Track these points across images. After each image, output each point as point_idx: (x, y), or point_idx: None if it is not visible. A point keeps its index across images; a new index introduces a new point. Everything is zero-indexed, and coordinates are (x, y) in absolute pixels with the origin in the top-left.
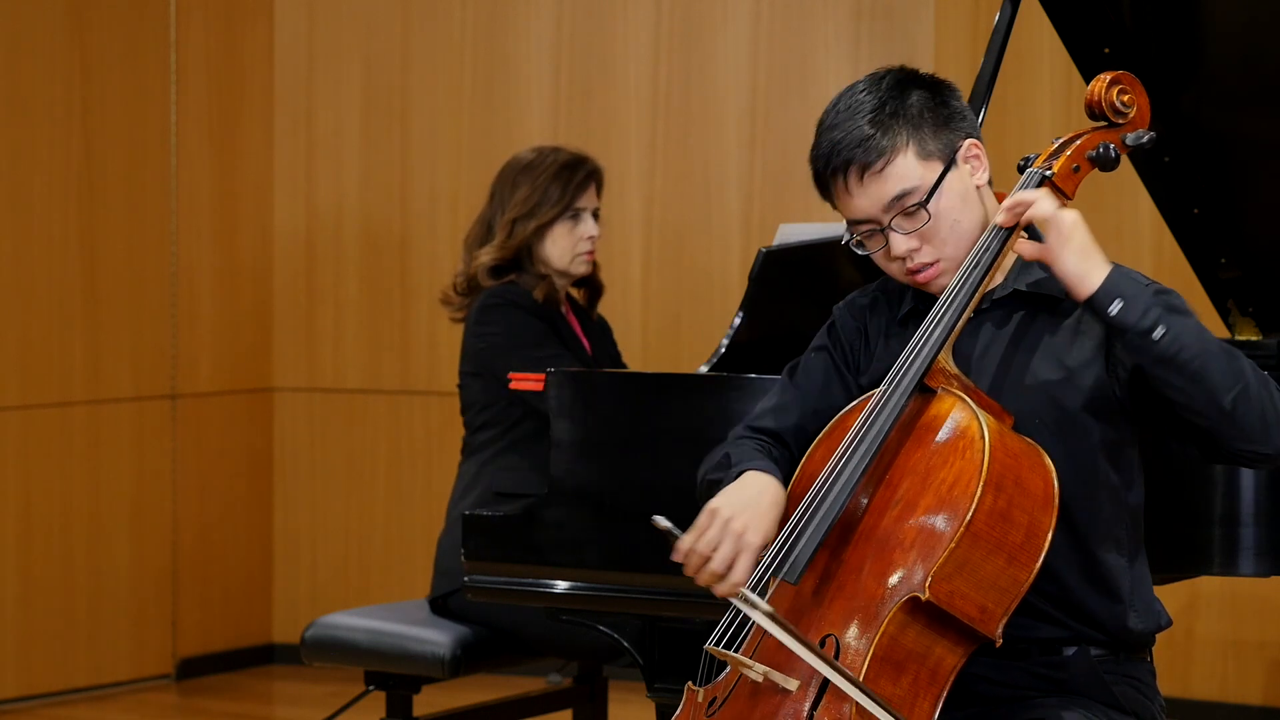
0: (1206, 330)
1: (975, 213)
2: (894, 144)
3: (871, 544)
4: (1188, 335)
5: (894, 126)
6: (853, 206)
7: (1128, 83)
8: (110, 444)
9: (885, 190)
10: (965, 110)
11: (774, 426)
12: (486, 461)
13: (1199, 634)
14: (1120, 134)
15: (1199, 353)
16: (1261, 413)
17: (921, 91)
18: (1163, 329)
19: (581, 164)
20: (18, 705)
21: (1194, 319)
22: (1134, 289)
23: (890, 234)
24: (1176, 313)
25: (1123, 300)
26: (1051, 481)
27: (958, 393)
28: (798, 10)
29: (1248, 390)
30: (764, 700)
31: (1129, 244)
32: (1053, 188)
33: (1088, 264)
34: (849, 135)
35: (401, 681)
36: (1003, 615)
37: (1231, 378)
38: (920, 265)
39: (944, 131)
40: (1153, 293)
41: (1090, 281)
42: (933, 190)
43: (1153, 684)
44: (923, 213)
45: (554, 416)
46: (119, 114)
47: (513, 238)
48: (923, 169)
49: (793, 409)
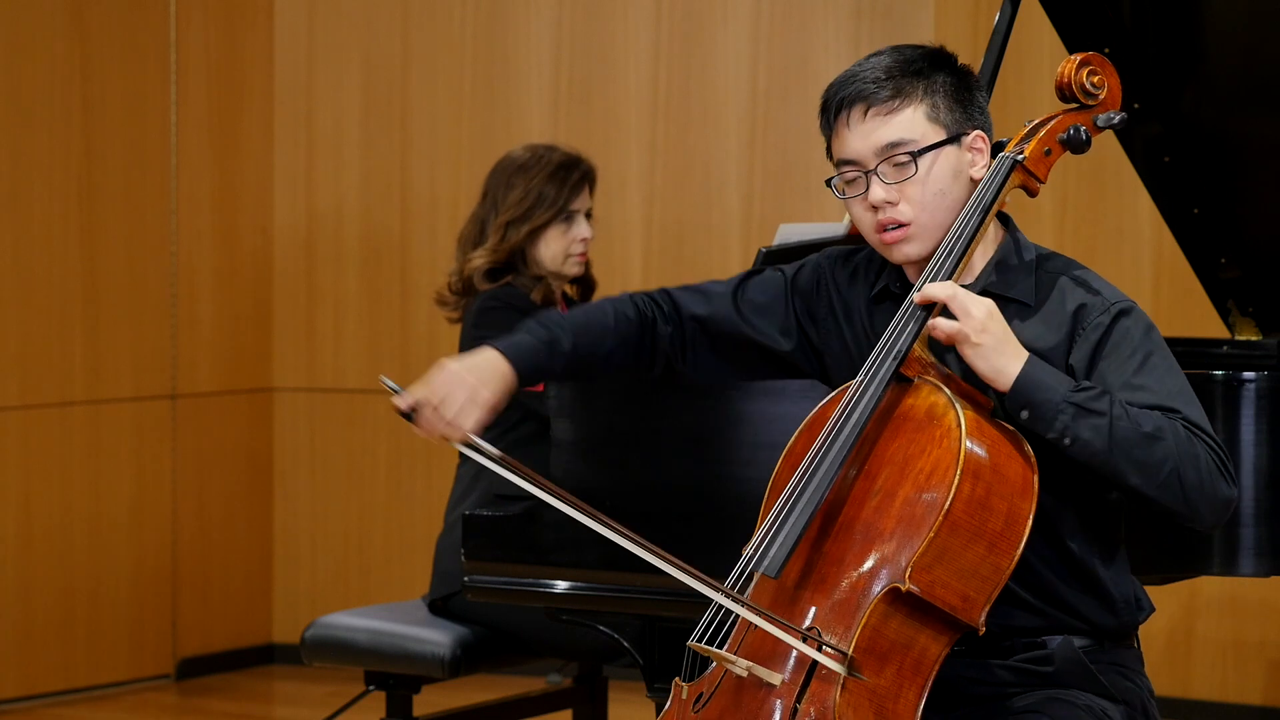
0: (1125, 419)
1: (961, 196)
2: (907, 94)
3: (852, 535)
4: (1097, 440)
5: (913, 83)
6: (847, 144)
7: (1097, 64)
8: (110, 444)
9: (883, 134)
10: (985, 107)
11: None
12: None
13: (1199, 634)
14: (1091, 115)
15: (1106, 455)
16: (1184, 495)
17: (950, 73)
18: (1069, 439)
19: (576, 165)
20: (18, 705)
21: (1109, 415)
22: (1042, 394)
23: (872, 179)
24: (1088, 414)
25: (1030, 409)
26: (1031, 468)
27: (934, 381)
28: (798, 10)
29: (1170, 476)
30: (749, 695)
31: (1129, 244)
32: (1024, 172)
33: (1000, 361)
34: (870, 73)
35: (401, 681)
36: (985, 603)
37: (1150, 467)
38: (892, 220)
39: (959, 110)
40: (1064, 394)
41: (1003, 379)
42: (928, 149)
43: (1140, 669)
44: (911, 166)
45: (554, 416)
46: (119, 114)
47: (506, 241)
48: (926, 127)
49: (717, 300)
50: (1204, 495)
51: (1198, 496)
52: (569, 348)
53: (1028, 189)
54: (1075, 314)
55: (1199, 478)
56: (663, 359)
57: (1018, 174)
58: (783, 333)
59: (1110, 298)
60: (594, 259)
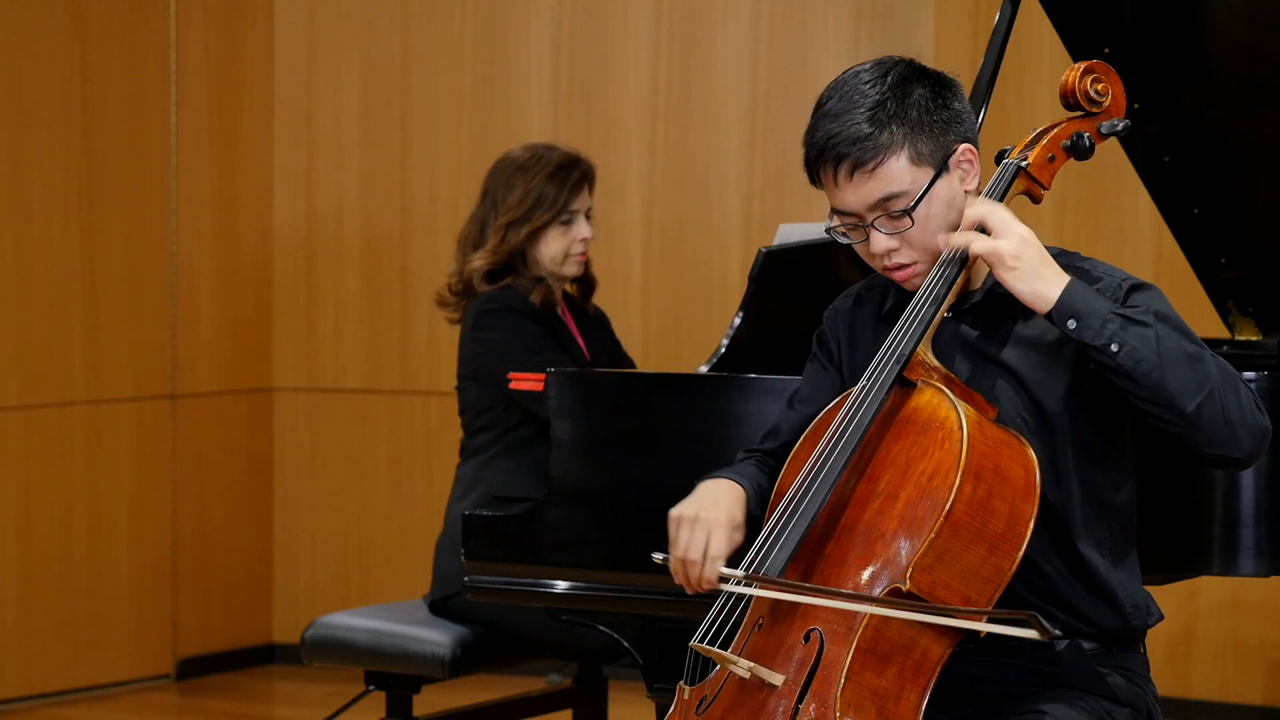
0: (1171, 336)
1: (958, 217)
2: (888, 145)
3: (854, 537)
4: (1145, 348)
5: (891, 127)
6: (839, 198)
7: (1101, 71)
8: (110, 444)
9: (873, 190)
10: (965, 112)
11: (771, 445)
12: (484, 465)
13: (1199, 634)
14: (1095, 123)
15: (1155, 365)
16: (1226, 419)
17: (925, 90)
18: (1117, 345)
19: (576, 165)
20: (18, 705)
21: (1154, 329)
22: (1089, 305)
23: (871, 231)
24: (1135, 324)
25: (1076, 319)
26: (1033, 470)
27: (937, 384)
28: (798, 10)
29: (1212, 397)
30: (751, 696)
31: (1129, 244)
32: (1028, 178)
33: (1039, 284)
34: (845, 130)
35: (401, 681)
36: (986, 605)
37: (1195, 385)
38: (898, 265)
39: (940, 135)
40: (1109, 308)
41: (1044, 300)
42: (920, 198)
43: (1146, 674)
44: (906, 218)
45: (554, 416)
46: (119, 114)
47: (506, 242)
48: (913, 173)
49: (791, 418)
50: (1245, 421)
51: (1239, 420)
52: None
53: (1031, 195)
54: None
55: (1239, 404)
56: None
57: (1021, 180)
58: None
59: (1121, 276)
60: (594, 259)
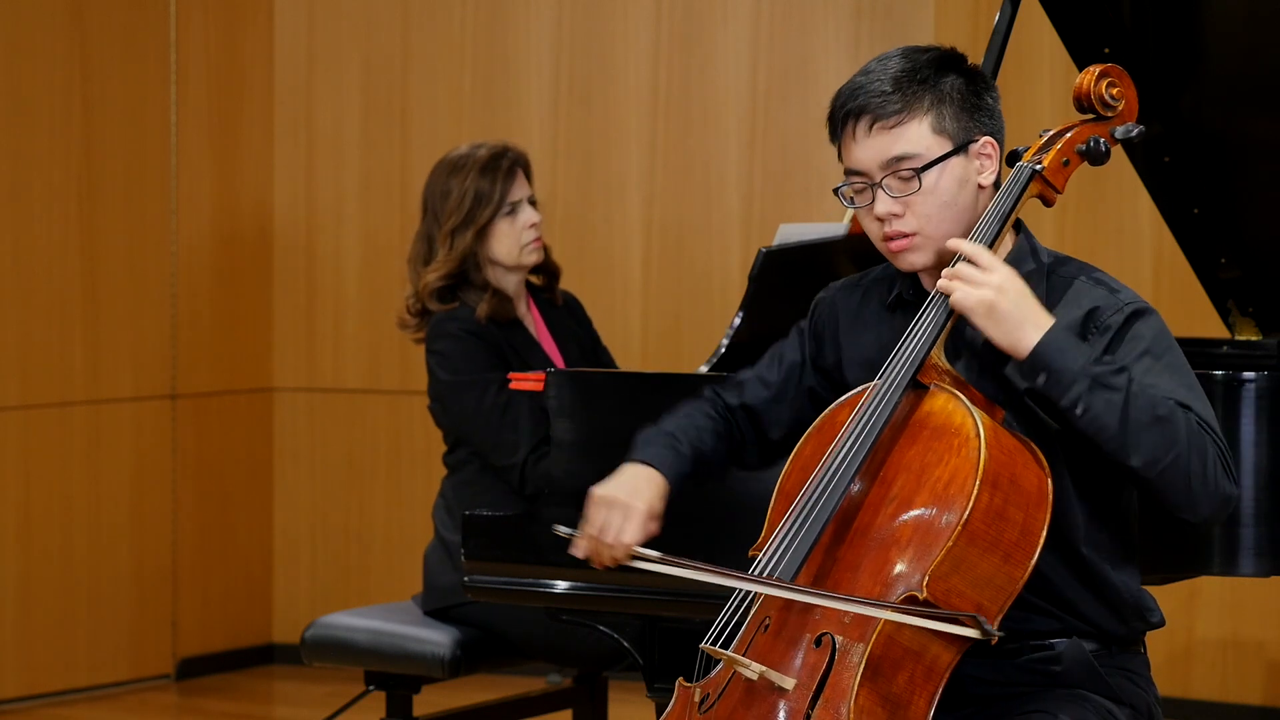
0: (1142, 397)
1: (968, 204)
2: (913, 107)
3: (867, 541)
4: (1108, 415)
5: (919, 93)
6: (854, 154)
7: (1116, 75)
8: (110, 444)
9: (888, 147)
10: (996, 110)
11: (729, 400)
12: (461, 484)
13: (1199, 634)
14: (1109, 127)
15: (1115, 434)
16: (1188, 484)
17: (959, 77)
18: (1081, 409)
19: (504, 155)
20: (18, 705)
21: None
22: (1061, 361)
23: (878, 192)
24: (1104, 388)
25: (1047, 374)
26: (1045, 478)
27: (951, 389)
28: (798, 10)
29: (1176, 462)
30: (760, 699)
31: (1129, 244)
32: (1043, 182)
33: (1017, 333)
34: (873, 85)
35: (401, 681)
36: (998, 613)
37: (1159, 450)
38: (896, 232)
39: (966, 118)
40: (1083, 365)
41: (1017, 352)
42: (933, 163)
43: (1147, 675)
44: (915, 180)
45: (554, 416)
46: (119, 114)
47: (455, 249)
48: (931, 140)
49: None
50: (1206, 488)
51: (1200, 487)
52: (689, 449)
53: (1045, 199)
54: (1086, 317)
55: (1204, 470)
56: (733, 449)
57: (1036, 184)
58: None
59: (1125, 299)
60: (594, 259)
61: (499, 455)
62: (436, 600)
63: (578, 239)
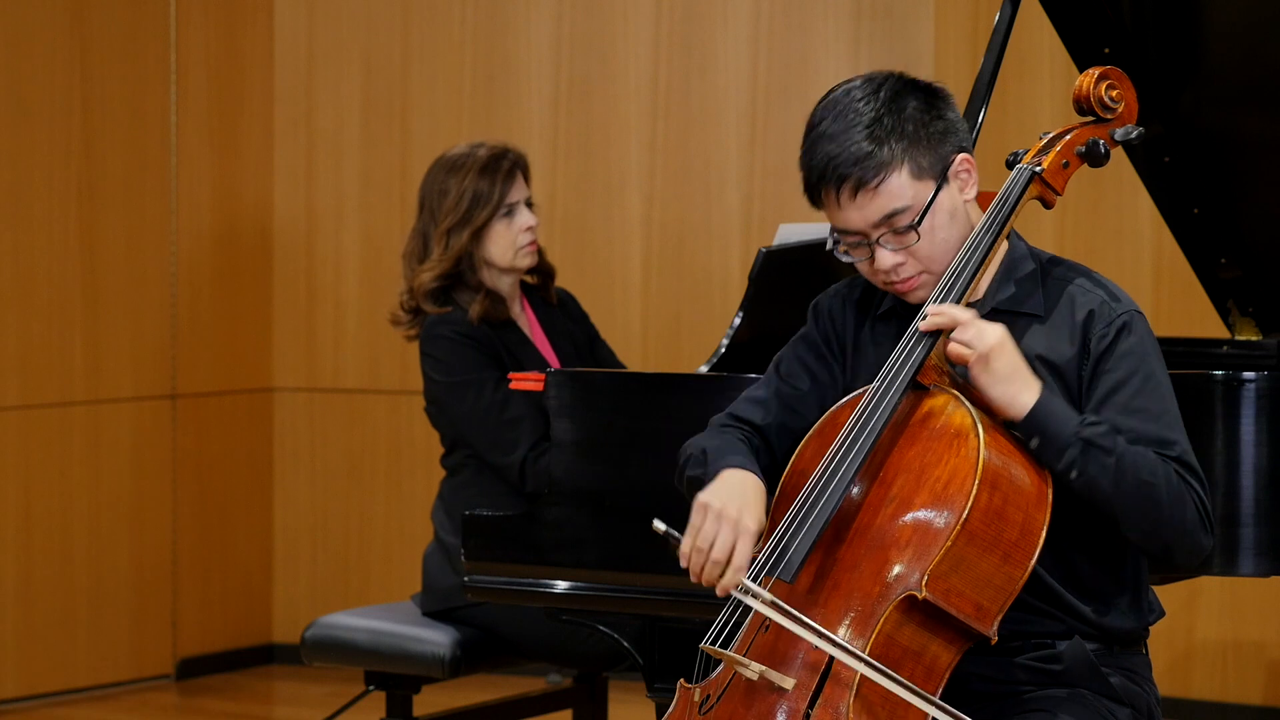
0: (1128, 462)
1: (961, 227)
2: (889, 162)
3: (866, 541)
4: (1102, 479)
5: (889, 143)
6: (842, 219)
7: (1115, 78)
8: (110, 444)
9: (877, 208)
10: (958, 122)
11: (757, 421)
12: (459, 486)
13: (1199, 634)
14: (1109, 129)
15: (1107, 498)
16: (1165, 543)
17: (917, 103)
18: (1076, 473)
19: (504, 156)
20: (18, 705)
21: (1115, 455)
22: (1055, 427)
23: (877, 249)
24: (1097, 449)
25: (1041, 438)
26: (1045, 478)
27: (950, 389)
28: (798, 10)
29: (1157, 525)
30: (760, 698)
31: (1129, 244)
32: (1042, 184)
33: (1013, 389)
34: (845, 151)
35: (401, 681)
36: (998, 613)
37: (1142, 515)
38: (904, 279)
39: (938, 147)
40: (1074, 429)
41: (1016, 408)
42: (924, 212)
43: (1148, 674)
44: (913, 234)
45: (554, 416)
46: (119, 114)
47: (450, 249)
48: (915, 187)
49: (774, 405)
50: (1183, 544)
51: (1176, 544)
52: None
53: (1044, 200)
54: (1085, 324)
55: (1183, 527)
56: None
57: (1035, 186)
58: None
59: (1116, 307)
60: (594, 258)
61: (499, 453)
62: (436, 602)
63: (577, 238)
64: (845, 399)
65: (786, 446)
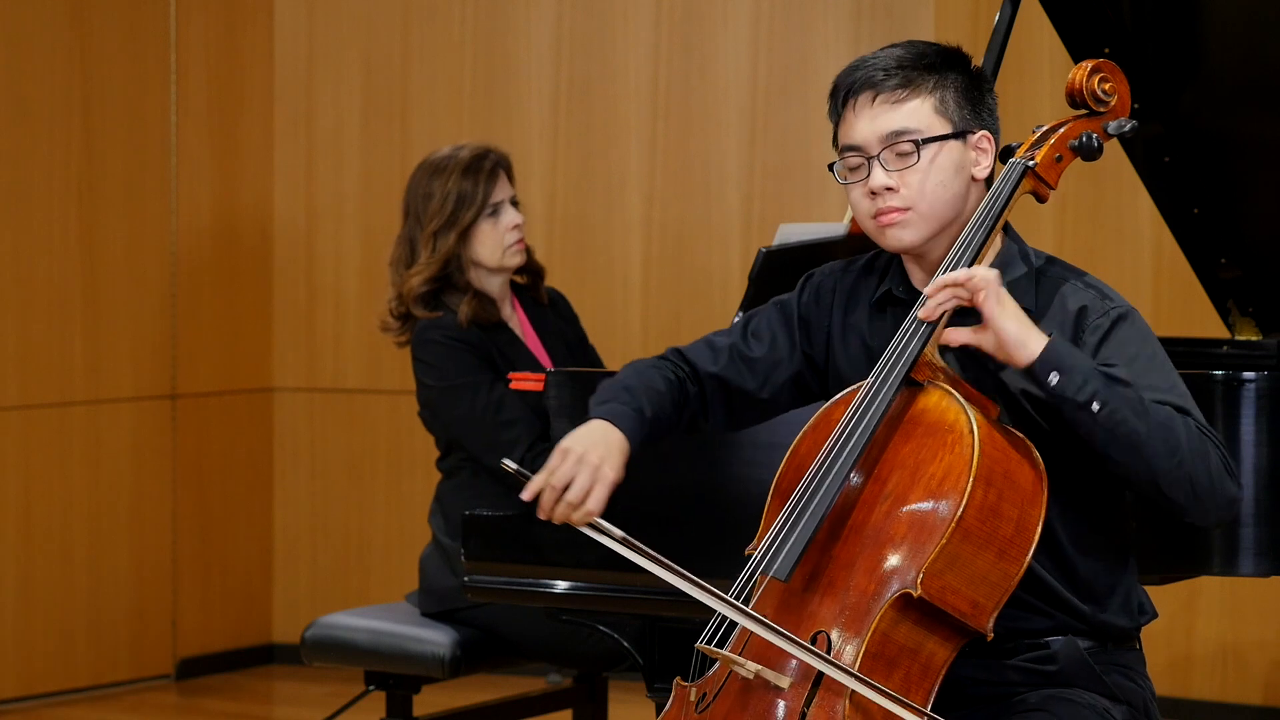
0: (1144, 402)
1: (961, 192)
2: (916, 86)
3: (861, 539)
4: (1127, 409)
5: (924, 75)
6: (853, 129)
7: (1108, 71)
8: (110, 444)
9: (889, 121)
10: (995, 112)
11: (701, 366)
12: (455, 489)
13: (1199, 634)
14: (1102, 122)
15: (1134, 428)
16: (1192, 488)
17: (963, 73)
18: (1099, 404)
19: (486, 156)
20: (18, 705)
21: (1134, 388)
22: (1072, 360)
23: (874, 165)
24: (1117, 383)
25: (1059, 372)
26: (1040, 474)
27: (945, 386)
28: (798, 10)
29: (1181, 465)
30: (756, 697)
31: (1129, 244)
32: (1035, 178)
33: (1026, 324)
34: (879, 61)
35: (401, 681)
36: (994, 610)
37: (1167, 452)
38: (889, 207)
39: (968, 108)
40: (1092, 364)
41: (1030, 349)
42: (932, 139)
43: (1143, 670)
44: (914, 155)
45: (554, 416)
46: (119, 114)
47: (438, 251)
48: (933, 119)
49: (724, 357)
50: (1212, 493)
51: (1205, 494)
52: (650, 414)
53: (1038, 195)
54: (1077, 316)
55: (1208, 475)
56: (688, 417)
57: (1029, 180)
58: (793, 379)
59: (1109, 303)
60: (594, 258)
61: (497, 456)
62: (434, 604)
63: (577, 238)
64: (840, 394)
65: (720, 400)
